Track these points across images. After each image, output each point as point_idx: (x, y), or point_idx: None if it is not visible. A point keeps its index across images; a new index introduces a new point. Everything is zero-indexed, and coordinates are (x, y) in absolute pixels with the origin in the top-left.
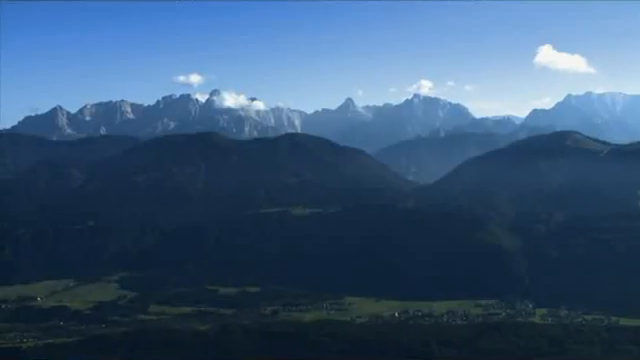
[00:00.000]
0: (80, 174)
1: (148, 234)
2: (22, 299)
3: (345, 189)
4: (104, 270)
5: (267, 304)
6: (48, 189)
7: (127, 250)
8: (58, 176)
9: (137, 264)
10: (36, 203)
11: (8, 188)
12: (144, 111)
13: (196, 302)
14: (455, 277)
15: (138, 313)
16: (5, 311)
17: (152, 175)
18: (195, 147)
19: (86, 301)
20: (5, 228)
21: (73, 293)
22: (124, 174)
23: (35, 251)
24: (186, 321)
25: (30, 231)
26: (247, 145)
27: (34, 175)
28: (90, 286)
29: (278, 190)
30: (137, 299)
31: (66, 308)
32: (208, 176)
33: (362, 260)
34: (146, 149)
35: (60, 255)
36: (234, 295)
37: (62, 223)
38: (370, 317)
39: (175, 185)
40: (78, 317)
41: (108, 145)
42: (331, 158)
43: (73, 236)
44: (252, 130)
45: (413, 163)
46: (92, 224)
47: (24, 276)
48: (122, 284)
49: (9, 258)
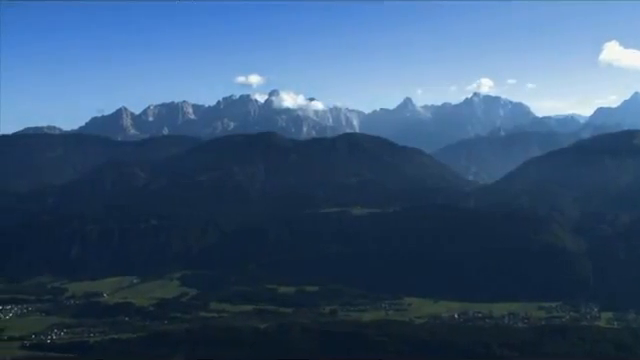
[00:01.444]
0: (144, 174)
1: (209, 233)
2: (89, 295)
3: (404, 189)
4: (167, 268)
5: (326, 303)
6: (114, 188)
7: (189, 248)
8: (123, 176)
9: (198, 262)
10: (102, 202)
11: (76, 188)
12: (205, 112)
13: (256, 300)
14: (516, 279)
15: (199, 310)
16: (73, 306)
17: (213, 175)
18: (254, 147)
19: (149, 298)
20: (74, 226)
21: (137, 290)
22: (186, 174)
23: (102, 249)
24: (246, 319)
25: (97, 229)
26: (305, 145)
27: (100, 175)
28: (153, 283)
29: (337, 190)
30: (198, 297)
31: (131, 304)
32: (267, 176)
33: (421, 260)
34: (207, 149)
35: (125, 253)
36: (293, 294)
37: (127, 222)
38: (429, 318)
39: (235, 185)
40: (142, 313)
41: (170, 145)
42: (390, 158)
43: (137, 234)
44: (310, 130)
45: (473, 163)
46: (155, 223)
47: (91, 273)
48: (184, 282)
49: (78, 255)
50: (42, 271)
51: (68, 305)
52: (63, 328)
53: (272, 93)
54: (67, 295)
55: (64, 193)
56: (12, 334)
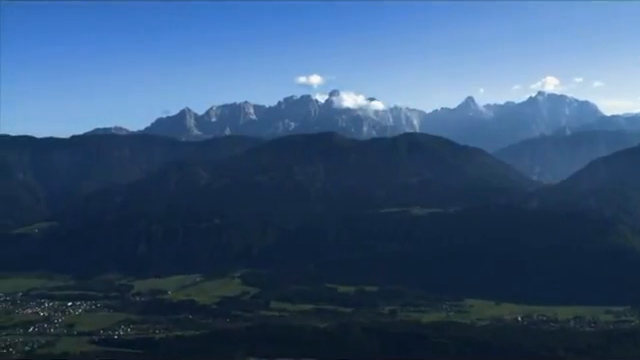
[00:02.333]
0: (206, 173)
1: (269, 232)
2: (154, 292)
3: (466, 189)
4: (228, 266)
5: (385, 304)
6: (177, 188)
7: (250, 247)
8: (186, 175)
9: (259, 261)
10: (167, 201)
11: (142, 187)
12: (266, 112)
13: (315, 300)
14: (582, 282)
15: (260, 309)
16: (139, 303)
17: (273, 174)
18: (315, 147)
19: (212, 296)
20: (140, 225)
21: (200, 288)
22: (247, 174)
23: (166, 247)
24: (306, 318)
25: (162, 228)
26: (366, 145)
27: (165, 174)
28: (216, 281)
29: (397, 190)
30: (259, 295)
31: (194, 302)
32: (327, 176)
33: (483, 262)
34: (268, 149)
35: (188, 251)
36: (352, 294)
37: (190, 221)
38: (491, 320)
39: (295, 184)
40: (205, 311)
41: (232, 145)
42: (451, 157)
43: (200, 233)
44: (370, 130)
45: (537, 162)
46: (218, 222)
47: (156, 271)
48: (245, 280)
49: (143, 254)
50: (110, 269)
51: (134, 302)
52: (130, 324)
53: (332, 93)
54: (133, 292)
55: (130, 192)
56: (82, 329)
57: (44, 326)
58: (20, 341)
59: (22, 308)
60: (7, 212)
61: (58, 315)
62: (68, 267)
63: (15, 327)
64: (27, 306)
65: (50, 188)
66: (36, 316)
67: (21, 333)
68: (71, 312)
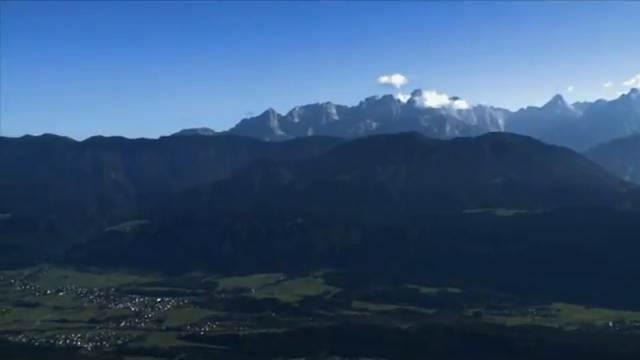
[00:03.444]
0: (289, 173)
1: (351, 232)
2: (239, 290)
3: (553, 189)
4: (311, 265)
5: (469, 306)
6: (261, 187)
7: (332, 247)
8: (270, 175)
9: (341, 261)
10: (251, 201)
11: (227, 186)
12: (348, 112)
13: (397, 300)
14: None
15: (342, 308)
16: (224, 300)
17: (355, 174)
18: (397, 147)
19: (294, 294)
20: (225, 224)
21: (283, 286)
22: (329, 173)
23: (250, 246)
24: (388, 318)
25: (246, 227)
26: (448, 145)
27: (249, 174)
28: (298, 280)
29: (481, 190)
30: (341, 295)
31: (277, 300)
32: (409, 176)
33: (572, 264)
34: (350, 149)
35: (272, 250)
36: (435, 295)
37: (273, 220)
38: (581, 325)
39: (377, 184)
40: (287, 309)
41: (314, 145)
42: (538, 157)
43: (283, 233)
44: (453, 129)
45: (630, 162)
46: (300, 221)
47: (241, 269)
48: (327, 279)
49: (228, 252)
50: (196, 266)
51: (219, 299)
52: (215, 321)
53: (415, 93)
54: (218, 289)
55: (216, 192)
56: (170, 324)
57: (135, 321)
58: (113, 335)
59: (115, 303)
60: (101, 211)
61: (148, 310)
62: (157, 264)
63: (108, 321)
64: (119, 301)
65: (140, 187)
66: (127, 311)
67: (114, 327)
68: (160, 308)
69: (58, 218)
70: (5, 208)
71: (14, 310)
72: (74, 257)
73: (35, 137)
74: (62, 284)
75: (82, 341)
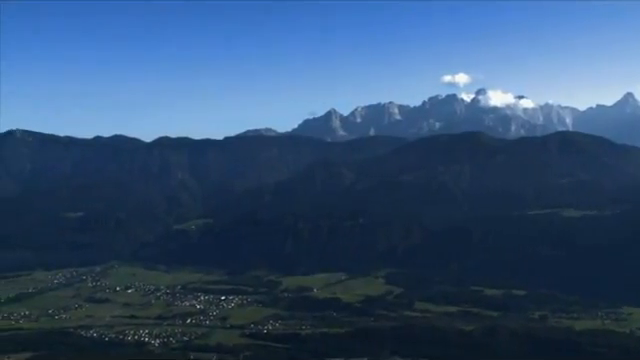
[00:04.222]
0: (351, 173)
1: (414, 232)
2: (301, 289)
3: (624, 190)
4: (372, 266)
5: (535, 308)
6: (323, 187)
7: (394, 247)
8: (332, 175)
9: (403, 261)
10: (313, 201)
11: (289, 186)
12: (410, 112)
13: (460, 302)
14: None
15: (404, 309)
16: (286, 299)
17: (418, 174)
18: (460, 147)
19: (356, 294)
20: (287, 223)
21: (344, 286)
22: (391, 173)
23: (312, 245)
24: (450, 320)
25: (308, 227)
26: (514, 144)
27: (311, 174)
28: (360, 280)
29: (547, 191)
30: (403, 295)
31: (338, 300)
32: (473, 176)
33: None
34: (412, 149)
35: (333, 250)
36: (499, 297)
37: (335, 219)
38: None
39: (440, 184)
40: (349, 309)
41: (376, 145)
42: (608, 157)
43: (345, 232)
44: (519, 129)
45: None
46: (362, 221)
47: (303, 268)
48: (389, 280)
49: (290, 251)
50: (259, 265)
51: (281, 298)
52: (278, 319)
53: (479, 92)
54: (281, 288)
55: (278, 191)
56: (234, 322)
57: (200, 318)
58: (179, 331)
59: (181, 301)
60: (168, 210)
61: (213, 308)
62: (222, 262)
63: (174, 318)
64: (185, 299)
65: (205, 187)
66: (193, 308)
67: (180, 324)
68: (224, 306)
69: (127, 217)
70: (78, 207)
71: (86, 306)
72: (142, 255)
73: (105, 138)
74: (131, 281)
75: (150, 337)
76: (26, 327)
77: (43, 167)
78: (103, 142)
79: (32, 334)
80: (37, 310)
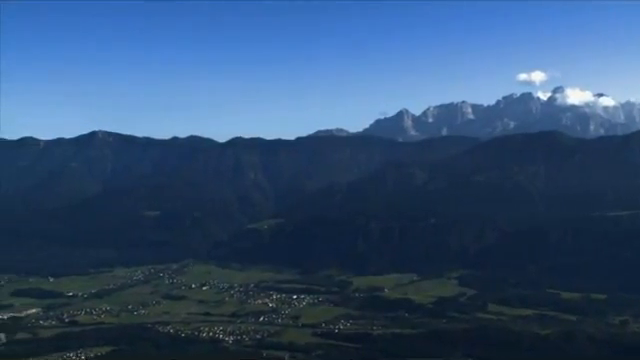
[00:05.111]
0: (423, 173)
1: (487, 233)
2: (372, 289)
3: None
4: (444, 266)
5: (615, 313)
6: (395, 187)
7: (466, 248)
8: (403, 175)
9: (476, 262)
10: (384, 201)
11: (360, 186)
12: (484, 111)
13: (536, 305)
14: None
15: (477, 311)
16: (358, 299)
17: (491, 174)
18: (536, 146)
19: (428, 295)
20: (358, 223)
21: (416, 287)
22: (464, 173)
23: (383, 245)
24: (525, 323)
25: (379, 227)
26: (592, 144)
27: (382, 174)
28: (432, 281)
29: (629, 192)
30: (476, 297)
31: (410, 301)
32: (549, 176)
33: None
34: (486, 149)
35: (404, 250)
36: (577, 301)
37: (406, 220)
38: None
39: (514, 185)
40: (421, 310)
41: (449, 145)
42: None
43: (416, 233)
44: (598, 128)
45: None
46: (434, 222)
47: (374, 268)
48: (461, 281)
49: (362, 251)
50: (330, 264)
51: (353, 298)
52: (349, 319)
53: (556, 90)
54: (352, 288)
55: (350, 191)
56: (306, 321)
57: (272, 316)
58: (252, 329)
59: (253, 299)
60: (241, 209)
61: (285, 307)
62: (293, 261)
63: (247, 316)
64: (258, 297)
65: (277, 186)
66: (265, 307)
67: (253, 322)
68: (296, 305)
69: (202, 216)
70: (155, 206)
71: (163, 302)
72: (216, 253)
73: (182, 139)
74: (205, 279)
75: (224, 334)
76: (107, 322)
77: (123, 167)
78: (180, 143)
79: (113, 329)
80: (117, 306)
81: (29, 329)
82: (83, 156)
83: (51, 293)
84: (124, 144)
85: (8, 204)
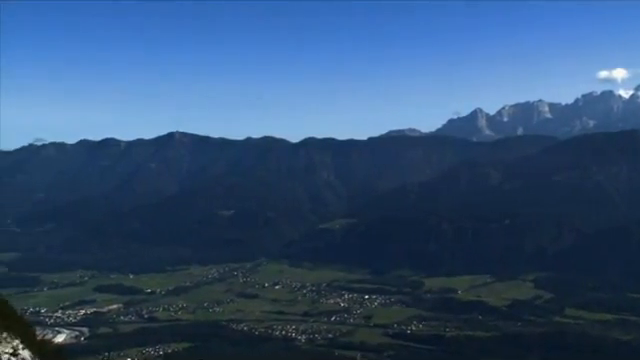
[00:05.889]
0: (498, 173)
1: (565, 234)
2: (444, 290)
3: None
4: (520, 268)
5: None
6: (468, 188)
7: (543, 250)
8: (477, 176)
9: (553, 265)
10: (457, 201)
11: (433, 186)
12: (562, 110)
13: (617, 309)
14: None
15: (554, 315)
16: (429, 300)
17: (569, 175)
18: (617, 146)
19: (502, 298)
20: (431, 223)
21: (490, 289)
22: (540, 174)
23: (456, 246)
24: (605, 329)
25: (452, 227)
26: None
27: (455, 174)
28: (506, 283)
29: None
30: (553, 300)
31: (484, 303)
32: (632, 176)
33: None
34: (564, 148)
35: (478, 251)
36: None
37: (480, 221)
38: None
39: (594, 185)
40: (495, 313)
41: (525, 145)
42: None
43: (490, 234)
44: None
45: None
46: (509, 223)
47: (447, 269)
48: (537, 284)
49: (434, 252)
50: (402, 264)
51: (425, 299)
52: (421, 320)
53: (638, 87)
54: (424, 289)
55: (422, 191)
56: (377, 322)
57: (344, 316)
58: (324, 328)
59: (325, 298)
60: (313, 209)
61: (356, 307)
62: (365, 261)
63: (320, 315)
64: (330, 296)
65: (349, 186)
66: (337, 306)
67: (325, 321)
68: (368, 305)
69: (275, 215)
70: (230, 205)
71: (237, 300)
72: (288, 252)
73: (256, 139)
74: (278, 278)
75: (296, 333)
76: (184, 319)
77: (199, 167)
78: (254, 143)
79: (189, 326)
80: (193, 303)
81: (110, 324)
82: (161, 156)
83: (131, 289)
84: (200, 144)
85: (91, 204)
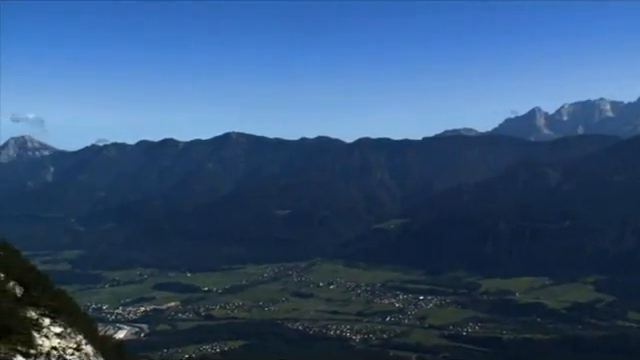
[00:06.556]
0: (556, 173)
1: (627, 236)
2: (501, 292)
3: None
4: (579, 271)
5: None
6: (526, 188)
7: (604, 252)
8: (535, 175)
9: (615, 267)
10: (514, 201)
11: (489, 186)
12: (625, 108)
13: None
14: None
15: (616, 319)
16: (486, 302)
17: (632, 174)
18: None
19: (561, 300)
20: (487, 224)
21: (549, 291)
22: (601, 174)
23: (513, 247)
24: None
25: (509, 228)
26: None
27: (512, 174)
28: (565, 286)
29: None
30: (614, 304)
31: (542, 305)
32: None
33: None
34: (627, 148)
35: (535, 253)
36: None
37: (538, 221)
38: None
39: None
40: (554, 315)
41: (585, 144)
42: None
43: (549, 235)
44: None
45: None
46: (568, 224)
47: (503, 270)
48: (598, 286)
49: (490, 253)
50: (457, 265)
51: (481, 300)
52: (477, 322)
53: None
54: (480, 291)
55: (478, 192)
56: (432, 323)
57: (399, 317)
58: (379, 329)
59: (380, 298)
60: (368, 208)
61: (411, 307)
62: (420, 262)
63: (374, 315)
64: (384, 297)
65: (404, 186)
66: (391, 307)
67: (379, 321)
68: (422, 305)
69: (329, 215)
70: (285, 205)
71: (292, 299)
72: (343, 252)
73: (310, 139)
74: (333, 277)
75: (351, 333)
76: (240, 317)
77: (254, 167)
78: (308, 143)
79: (245, 324)
80: (249, 301)
81: (169, 321)
82: (218, 156)
83: (188, 287)
84: (256, 145)
85: (150, 203)
